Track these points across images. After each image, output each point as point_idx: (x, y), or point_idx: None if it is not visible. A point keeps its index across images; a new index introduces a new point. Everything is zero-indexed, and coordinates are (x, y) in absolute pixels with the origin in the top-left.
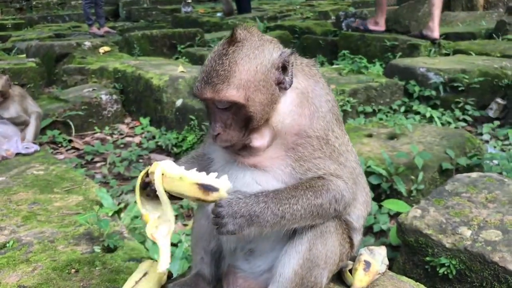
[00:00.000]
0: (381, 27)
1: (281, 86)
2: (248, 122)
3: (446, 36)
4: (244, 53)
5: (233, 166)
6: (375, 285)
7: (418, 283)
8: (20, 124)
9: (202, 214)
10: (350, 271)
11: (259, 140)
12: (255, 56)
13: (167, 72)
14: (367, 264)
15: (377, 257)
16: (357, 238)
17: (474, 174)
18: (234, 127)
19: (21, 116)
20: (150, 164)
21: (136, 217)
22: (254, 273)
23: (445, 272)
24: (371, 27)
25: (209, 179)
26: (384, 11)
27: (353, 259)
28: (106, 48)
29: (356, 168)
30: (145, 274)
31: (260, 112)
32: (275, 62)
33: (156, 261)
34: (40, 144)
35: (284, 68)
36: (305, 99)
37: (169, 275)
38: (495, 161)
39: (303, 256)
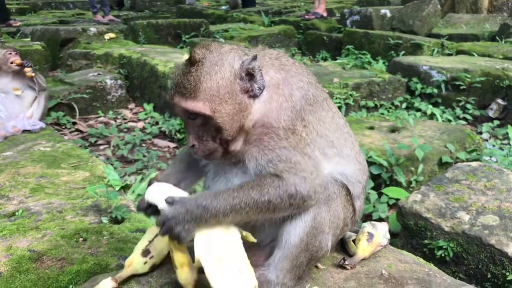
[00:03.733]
0: (324, 12)
1: (250, 94)
2: (219, 132)
3: (449, 37)
4: (205, 71)
5: (220, 163)
6: (377, 256)
7: (417, 257)
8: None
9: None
10: (354, 241)
11: (234, 144)
12: (215, 72)
13: (172, 59)
14: (370, 236)
15: (379, 231)
16: (358, 203)
17: (474, 163)
18: (207, 138)
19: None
20: (153, 145)
21: (140, 195)
22: (259, 245)
23: (443, 255)
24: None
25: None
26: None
27: (356, 232)
28: (112, 35)
29: (343, 142)
30: (156, 235)
31: (229, 122)
32: (237, 73)
33: None
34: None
35: (250, 75)
36: (274, 93)
37: None
38: (494, 158)
39: (309, 224)
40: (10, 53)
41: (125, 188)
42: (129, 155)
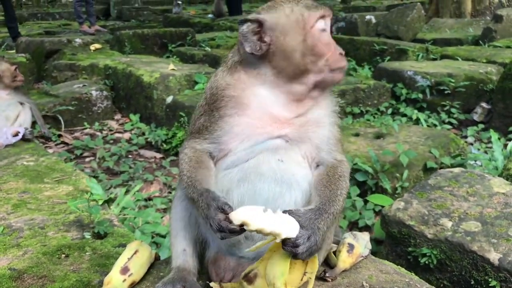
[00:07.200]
0: None
1: None
2: None
3: (434, 41)
4: None
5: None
6: (358, 267)
7: (399, 266)
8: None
9: (181, 206)
10: (334, 253)
11: None
12: None
13: (158, 70)
14: (351, 247)
15: (360, 241)
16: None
17: (456, 170)
18: None
19: None
20: (139, 156)
21: (125, 208)
22: (254, 258)
23: (427, 262)
24: None
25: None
26: None
27: (337, 242)
28: (97, 46)
29: None
30: (136, 252)
31: None
32: None
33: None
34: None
35: None
36: None
37: (157, 257)
38: (478, 162)
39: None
40: (16, 69)
41: (108, 202)
42: (115, 166)
